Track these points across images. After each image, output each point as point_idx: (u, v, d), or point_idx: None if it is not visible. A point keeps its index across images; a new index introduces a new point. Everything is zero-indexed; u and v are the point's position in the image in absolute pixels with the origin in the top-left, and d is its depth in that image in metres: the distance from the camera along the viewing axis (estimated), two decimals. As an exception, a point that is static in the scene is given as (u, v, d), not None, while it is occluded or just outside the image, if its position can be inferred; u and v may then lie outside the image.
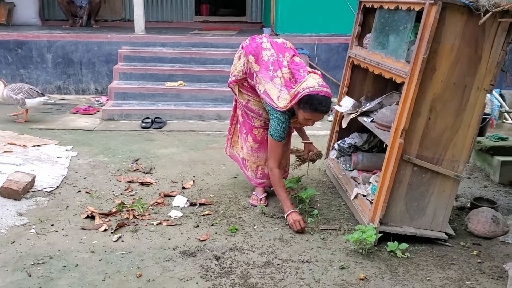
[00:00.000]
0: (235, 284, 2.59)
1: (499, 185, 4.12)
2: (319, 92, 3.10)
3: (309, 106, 3.13)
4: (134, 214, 3.36)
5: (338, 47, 7.42)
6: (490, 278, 2.71)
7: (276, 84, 3.28)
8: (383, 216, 3.00)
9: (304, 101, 3.12)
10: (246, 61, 3.38)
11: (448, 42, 2.73)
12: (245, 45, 3.44)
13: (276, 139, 3.30)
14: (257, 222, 3.33)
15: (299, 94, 3.12)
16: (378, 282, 2.64)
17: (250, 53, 3.36)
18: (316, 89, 3.10)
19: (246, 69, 3.40)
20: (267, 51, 3.37)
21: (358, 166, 3.81)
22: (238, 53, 3.50)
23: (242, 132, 3.68)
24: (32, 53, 7.29)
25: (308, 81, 3.16)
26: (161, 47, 7.41)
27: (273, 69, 3.31)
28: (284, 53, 3.43)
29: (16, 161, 4.03)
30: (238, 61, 3.47)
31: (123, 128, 5.69)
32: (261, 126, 3.55)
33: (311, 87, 3.10)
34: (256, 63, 3.33)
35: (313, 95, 3.09)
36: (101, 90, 7.40)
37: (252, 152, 3.61)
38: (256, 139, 3.57)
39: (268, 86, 3.27)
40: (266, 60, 3.33)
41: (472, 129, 2.90)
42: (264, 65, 3.33)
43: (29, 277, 2.59)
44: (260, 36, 3.49)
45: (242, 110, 3.61)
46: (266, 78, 3.29)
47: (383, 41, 3.38)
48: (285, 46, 3.48)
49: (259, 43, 3.41)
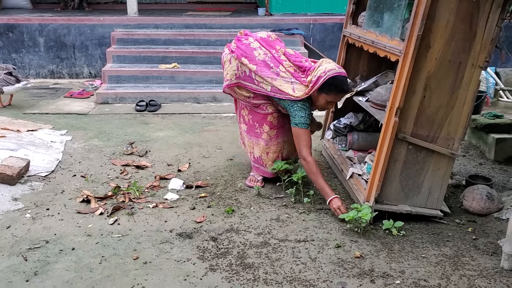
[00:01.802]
0: (232, 264, 2.60)
1: (494, 163, 4.13)
2: (340, 73, 3.24)
3: (335, 88, 3.22)
4: (130, 197, 3.36)
5: (333, 26, 7.36)
6: (484, 254, 2.73)
7: (285, 78, 3.28)
8: (378, 194, 3.00)
9: (328, 83, 3.19)
10: (240, 64, 3.34)
11: (443, 19, 2.70)
12: (234, 48, 3.39)
13: (303, 127, 3.27)
14: (253, 203, 3.34)
15: (321, 78, 3.17)
16: (374, 260, 2.66)
17: (242, 56, 3.32)
18: (337, 71, 3.22)
19: (241, 72, 3.35)
20: (258, 50, 3.36)
21: (353, 145, 3.80)
22: (227, 56, 3.44)
23: (251, 132, 3.57)
24: (23, 37, 7.21)
25: (326, 65, 3.25)
26: (155, 29, 7.34)
27: (274, 66, 3.30)
28: (275, 47, 3.43)
29: (10, 146, 4.01)
30: (230, 65, 3.41)
31: (118, 112, 5.66)
32: (274, 111, 3.47)
33: (332, 70, 3.20)
34: (251, 63, 3.30)
35: (336, 77, 3.20)
36: (95, 73, 7.35)
37: (271, 141, 3.52)
38: (273, 125, 3.49)
39: (276, 82, 3.26)
40: (262, 59, 3.31)
41: (467, 106, 2.89)
42: (262, 63, 3.30)
43: (25, 261, 2.60)
44: (245, 37, 3.46)
45: (250, 106, 3.51)
46: (270, 75, 3.27)
47: (378, 19, 3.35)
48: (270, 39, 3.49)
49: (247, 44, 3.38)
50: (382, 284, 2.44)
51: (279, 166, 3.47)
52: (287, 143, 3.58)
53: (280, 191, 3.51)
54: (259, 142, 3.54)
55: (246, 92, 3.44)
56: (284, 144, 3.57)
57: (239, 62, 3.33)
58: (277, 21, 7.49)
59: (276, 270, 2.55)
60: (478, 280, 2.48)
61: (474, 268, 2.59)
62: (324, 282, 2.46)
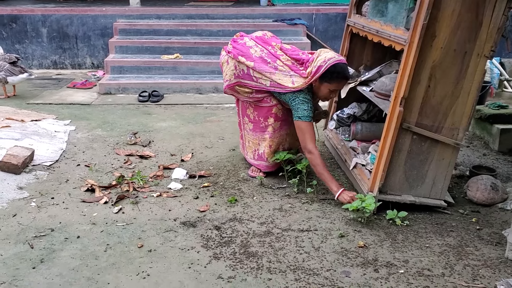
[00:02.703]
0: (236, 252, 2.61)
1: (498, 153, 4.13)
2: (341, 61, 3.24)
3: (337, 75, 3.23)
4: (134, 186, 3.37)
5: (336, 16, 7.33)
6: (488, 244, 2.73)
7: (283, 71, 3.28)
8: (382, 185, 3.00)
9: (330, 72, 3.19)
10: (237, 63, 3.34)
11: (449, 8, 2.69)
12: (230, 49, 3.40)
13: (307, 120, 3.26)
14: (256, 193, 3.35)
15: (321, 67, 3.17)
16: (378, 250, 2.66)
17: (239, 55, 3.33)
18: (337, 59, 3.23)
19: (239, 71, 3.36)
20: (254, 47, 3.36)
21: (357, 136, 3.79)
22: (224, 58, 3.45)
23: (257, 128, 3.54)
24: (26, 28, 7.20)
25: (325, 54, 3.25)
26: (157, 19, 7.32)
27: (271, 61, 3.30)
28: (271, 43, 3.44)
29: (15, 136, 4.02)
30: (227, 65, 3.42)
31: (121, 102, 5.66)
32: (279, 102, 3.45)
33: (332, 58, 3.21)
34: (248, 60, 3.30)
35: (337, 64, 3.20)
36: (97, 64, 7.34)
37: (275, 133, 3.51)
38: (278, 117, 3.48)
39: (275, 76, 3.26)
40: (259, 55, 3.32)
41: (472, 96, 2.88)
42: (259, 59, 3.30)
43: (31, 249, 2.61)
44: (241, 38, 3.49)
45: (254, 102, 3.49)
46: (269, 70, 3.27)
47: (382, 8, 3.33)
48: (266, 37, 3.50)
49: (243, 43, 3.40)
50: (385, 273, 2.45)
51: (282, 156, 3.47)
52: (289, 135, 3.57)
53: (283, 181, 3.51)
54: (264, 136, 3.53)
55: (247, 89, 3.43)
56: (287, 136, 3.57)
57: (237, 61, 3.34)
58: (280, 11, 7.46)
59: (279, 259, 2.56)
60: (482, 270, 2.48)
61: (478, 258, 2.60)
62: (328, 271, 2.47)
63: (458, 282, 2.39)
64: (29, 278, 2.37)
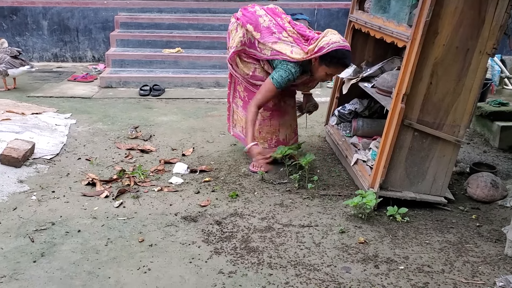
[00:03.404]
0: (237, 247, 2.62)
1: (499, 150, 4.13)
2: (344, 47, 3.19)
3: (336, 61, 3.19)
4: (135, 180, 3.37)
5: (338, 12, 7.31)
6: (488, 241, 2.74)
7: (286, 42, 3.28)
8: (383, 181, 3.01)
9: (330, 56, 3.16)
10: (245, 31, 3.35)
11: (451, 5, 2.68)
12: (240, 16, 3.41)
13: (275, 84, 3.26)
14: (257, 188, 3.35)
15: (323, 49, 3.15)
16: (378, 246, 2.67)
17: (248, 23, 3.34)
18: (341, 44, 3.18)
19: (246, 39, 3.37)
20: (263, 17, 3.38)
21: (358, 132, 3.80)
22: (234, 25, 3.46)
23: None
24: (27, 20, 7.18)
25: (330, 36, 3.21)
26: (158, 13, 7.30)
27: (277, 31, 3.31)
28: (281, 16, 3.46)
29: (15, 129, 4.01)
30: (236, 33, 3.42)
31: (122, 96, 5.65)
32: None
33: (336, 42, 3.16)
34: (255, 30, 3.32)
35: (339, 50, 3.16)
36: (98, 57, 7.33)
37: (264, 122, 3.54)
38: (267, 107, 3.52)
39: (277, 46, 3.27)
40: (266, 25, 3.33)
41: (474, 93, 2.88)
42: (266, 30, 3.32)
43: (32, 243, 2.62)
44: (251, 6, 3.49)
45: (247, 83, 3.54)
46: (272, 40, 3.28)
47: (385, 4, 3.32)
48: (277, 10, 3.52)
49: (253, 12, 3.41)
50: (386, 269, 2.46)
51: (283, 151, 3.47)
52: (283, 126, 3.60)
53: (284, 177, 3.52)
54: None
55: (247, 70, 3.45)
56: (280, 127, 3.59)
57: (245, 29, 3.35)
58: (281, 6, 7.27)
59: (280, 254, 2.57)
60: (482, 267, 2.49)
61: (477, 254, 2.61)
62: (328, 266, 2.48)
63: (458, 278, 2.40)
64: (30, 272, 2.38)
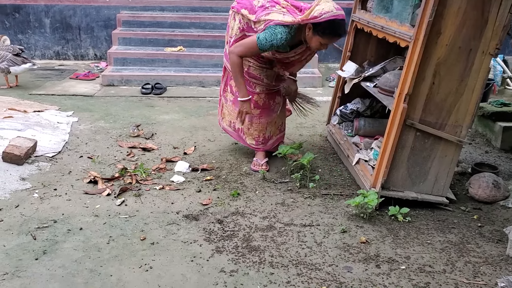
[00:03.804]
0: (238, 246, 2.62)
1: (501, 151, 4.13)
2: (337, 16, 3.07)
3: (330, 31, 3.09)
4: (136, 179, 3.38)
5: (340, 11, 7.29)
6: (490, 242, 2.74)
7: (278, 11, 3.19)
8: (384, 181, 3.01)
9: (323, 27, 3.06)
10: (241, 17, 3.35)
11: (455, 5, 2.68)
12: (234, 5, 3.44)
13: (258, 44, 3.13)
14: (258, 187, 3.35)
15: (316, 18, 3.05)
16: (379, 245, 2.67)
17: (242, 7, 3.34)
18: (334, 13, 3.05)
19: (244, 24, 3.37)
20: None
21: (360, 131, 3.80)
22: (231, 15, 3.49)
23: (236, 103, 3.53)
24: (29, 18, 7.17)
25: (323, 4, 3.09)
26: (160, 11, 7.30)
27: (270, 6, 3.25)
28: None
29: (17, 127, 4.02)
30: (234, 22, 3.43)
31: (123, 94, 5.65)
32: (262, 91, 3.52)
33: (330, 12, 3.05)
34: (250, 13, 3.29)
35: (332, 20, 3.05)
36: (100, 55, 7.33)
37: (253, 119, 3.57)
38: (258, 105, 3.54)
39: (269, 16, 3.16)
40: (260, 5, 3.29)
41: (476, 93, 2.88)
42: (260, 8, 3.26)
43: (34, 240, 2.62)
44: None
45: None
46: (264, 13, 3.19)
47: (388, 4, 3.32)
48: None
49: None
50: (387, 269, 2.46)
51: (284, 150, 3.48)
52: (270, 124, 3.63)
53: (285, 176, 3.52)
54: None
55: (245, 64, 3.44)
56: (268, 125, 3.62)
57: (240, 14, 3.35)
58: (284, 5, 7.41)
59: (281, 253, 2.57)
60: (483, 267, 2.49)
61: (479, 255, 2.61)
62: (330, 266, 2.48)
63: (459, 278, 2.40)
64: (32, 269, 2.38)
